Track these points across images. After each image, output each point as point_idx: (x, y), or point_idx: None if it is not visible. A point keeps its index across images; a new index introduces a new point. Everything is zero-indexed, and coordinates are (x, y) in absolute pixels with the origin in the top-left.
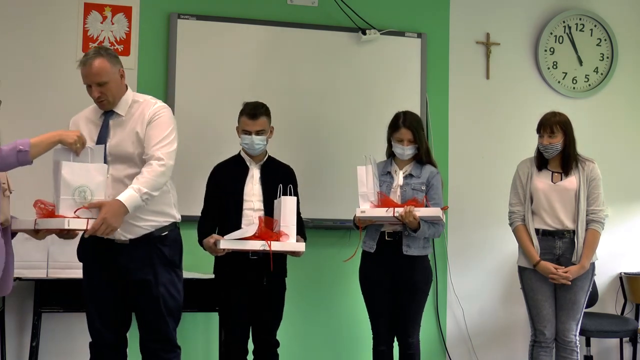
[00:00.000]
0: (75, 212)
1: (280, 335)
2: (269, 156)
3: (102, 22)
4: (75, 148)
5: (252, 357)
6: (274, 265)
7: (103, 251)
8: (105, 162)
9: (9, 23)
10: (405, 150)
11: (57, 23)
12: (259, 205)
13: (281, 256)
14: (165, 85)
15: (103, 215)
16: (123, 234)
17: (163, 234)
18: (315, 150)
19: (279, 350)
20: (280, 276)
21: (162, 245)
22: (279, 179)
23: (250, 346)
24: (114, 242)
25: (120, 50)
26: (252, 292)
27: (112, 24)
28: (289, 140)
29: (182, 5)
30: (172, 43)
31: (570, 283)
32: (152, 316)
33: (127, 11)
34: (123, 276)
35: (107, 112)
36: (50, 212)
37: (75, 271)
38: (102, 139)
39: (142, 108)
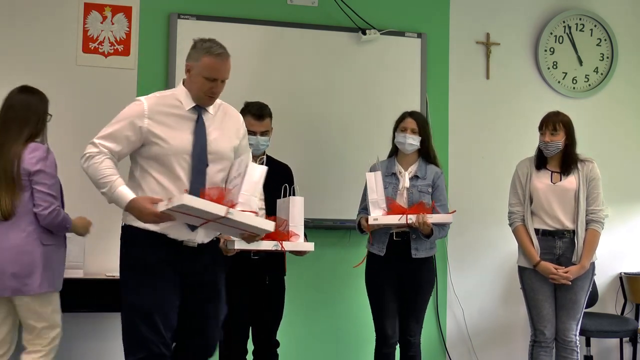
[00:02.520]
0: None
1: (279, 335)
2: (267, 155)
3: (102, 22)
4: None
5: (251, 357)
6: (274, 265)
7: (174, 254)
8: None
9: (9, 23)
10: (407, 139)
11: (57, 23)
12: (260, 204)
13: (281, 255)
14: (165, 85)
15: None
16: (203, 238)
17: (216, 238)
18: (315, 150)
19: (278, 350)
20: (280, 275)
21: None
22: (278, 178)
23: (250, 346)
24: (182, 246)
25: (120, 50)
26: (252, 292)
27: (112, 24)
28: (289, 140)
29: (182, 6)
30: (172, 43)
31: (570, 283)
32: (209, 321)
33: (127, 11)
34: (188, 279)
35: (197, 107)
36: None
37: (76, 271)
38: (201, 135)
39: (226, 112)
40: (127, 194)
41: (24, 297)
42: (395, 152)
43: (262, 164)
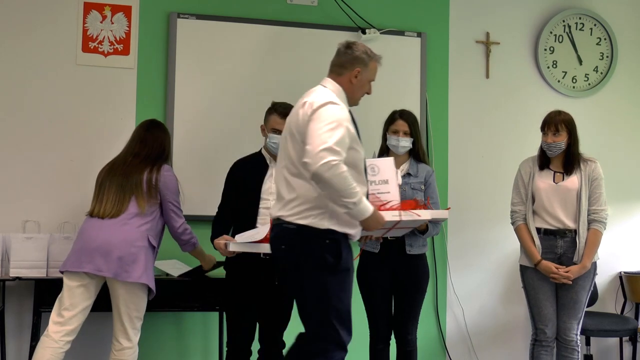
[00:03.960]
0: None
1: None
2: None
3: (101, 22)
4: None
5: (256, 356)
6: None
7: None
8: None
9: (9, 22)
10: (400, 142)
11: (57, 22)
12: None
13: None
14: (164, 84)
15: None
16: None
17: None
18: None
19: (284, 351)
20: None
21: None
22: None
23: (254, 346)
24: None
25: (119, 49)
26: (262, 292)
27: (112, 23)
28: None
29: (182, 5)
30: (171, 42)
31: (571, 283)
32: None
33: (126, 10)
34: None
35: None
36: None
37: None
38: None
39: None
40: (369, 204)
41: (121, 286)
42: (386, 150)
43: None
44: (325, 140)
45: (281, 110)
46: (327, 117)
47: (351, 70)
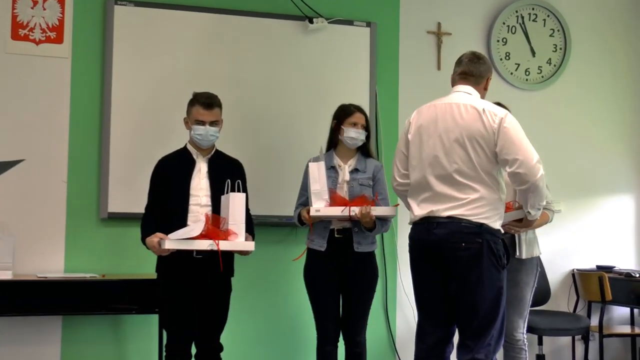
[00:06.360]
0: None
1: (223, 337)
2: (217, 150)
3: (32, 7)
4: None
5: None
6: (219, 265)
7: None
8: None
9: None
10: (360, 135)
11: None
12: (206, 200)
13: (229, 255)
14: (101, 75)
15: None
16: None
17: None
18: (260, 144)
19: (222, 354)
20: (227, 276)
21: None
22: (227, 173)
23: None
24: None
25: (52, 37)
26: (196, 293)
27: (44, 9)
28: (232, 133)
29: None
30: (108, 30)
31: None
32: None
33: None
34: None
35: None
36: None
37: (4, 272)
38: None
39: None
40: None
41: None
42: (334, 144)
43: (211, 159)
44: (532, 152)
45: (204, 100)
46: (518, 127)
47: (487, 77)
